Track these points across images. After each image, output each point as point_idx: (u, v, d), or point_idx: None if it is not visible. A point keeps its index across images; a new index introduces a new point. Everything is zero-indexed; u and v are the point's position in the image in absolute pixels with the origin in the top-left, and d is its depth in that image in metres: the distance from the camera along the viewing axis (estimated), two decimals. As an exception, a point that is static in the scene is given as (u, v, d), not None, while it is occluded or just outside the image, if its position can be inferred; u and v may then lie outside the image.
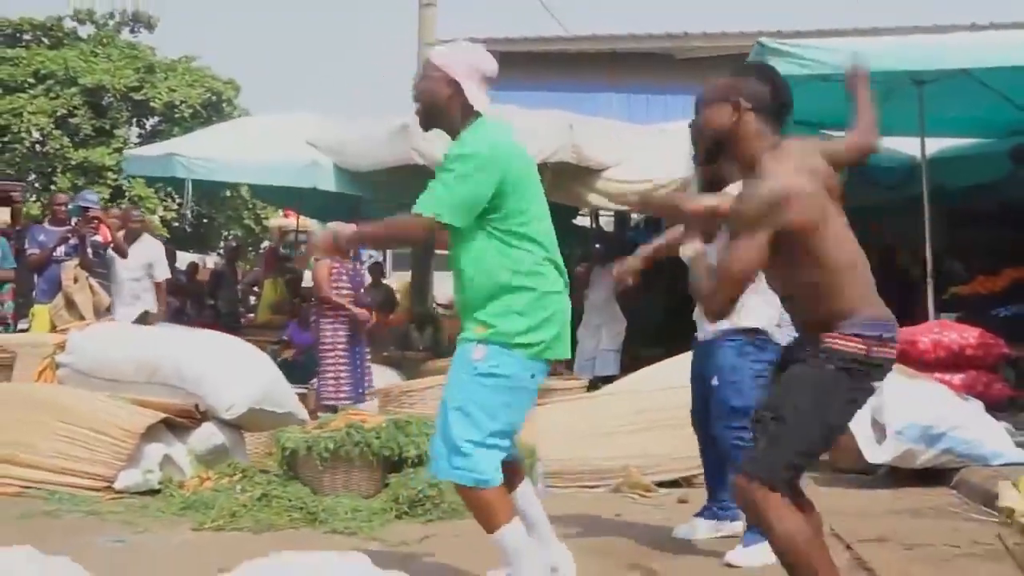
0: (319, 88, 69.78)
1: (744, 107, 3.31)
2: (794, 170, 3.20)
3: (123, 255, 9.73)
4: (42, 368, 7.06)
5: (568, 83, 13.62)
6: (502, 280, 3.81)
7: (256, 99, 54.81)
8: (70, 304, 9.11)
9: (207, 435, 6.46)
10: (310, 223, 16.51)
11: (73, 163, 28.59)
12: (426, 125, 4.02)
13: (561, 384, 8.17)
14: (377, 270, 15.76)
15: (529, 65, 13.20)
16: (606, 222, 15.79)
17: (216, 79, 31.71)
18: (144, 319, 9.47)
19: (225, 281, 13.92)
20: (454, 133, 3.93)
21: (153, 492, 6.04)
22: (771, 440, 3.19)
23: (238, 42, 64.03)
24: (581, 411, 7.13)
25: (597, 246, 13.04)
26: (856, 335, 3.18)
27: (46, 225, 9.83)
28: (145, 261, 9.93)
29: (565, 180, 10.02)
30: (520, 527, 3.85)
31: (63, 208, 9.71)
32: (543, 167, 9.62)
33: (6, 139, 28.67)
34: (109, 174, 28.89)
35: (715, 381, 4.82)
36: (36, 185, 29.49)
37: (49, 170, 28.96)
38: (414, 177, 9.95)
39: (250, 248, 31.87)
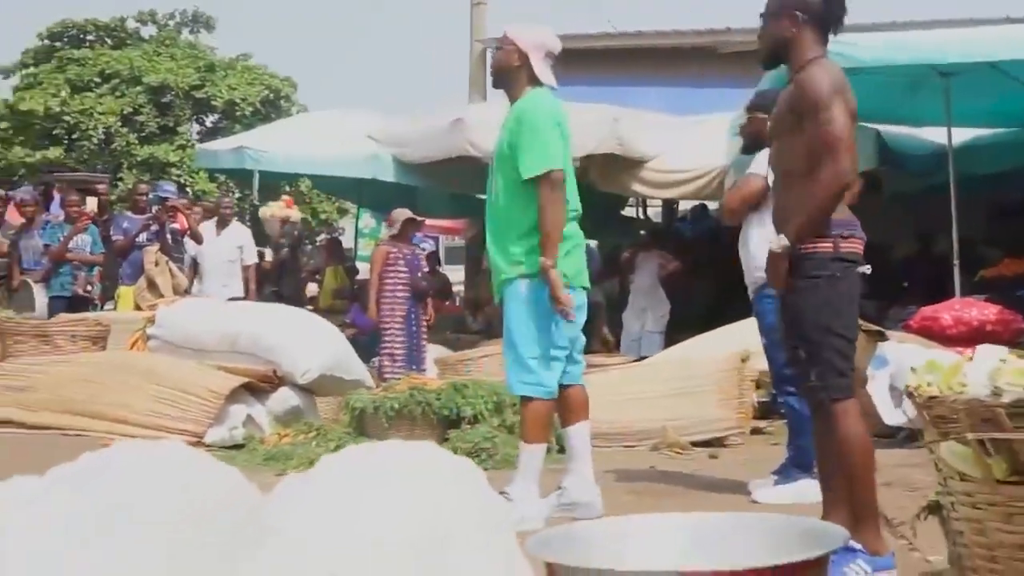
0: (374, 84, 70.74)
1: (801, 19, 3.79)
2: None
3: (198, 241, 10.49)
4: (134, 340, 7.80)
5: (614, 78, 14.20)
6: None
7: (313, 96, 55.93)
8: (151, 286, 9.88)
9: (284, 398, 7.17)
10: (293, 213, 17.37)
11: (139, 159, 29.56)
12: (496, 85, 4.89)
13: (608, 360, 8.83)
14: (433, 259, 16.50)
15: (576, 61, 13.74)
16: (654, 213, 16.36)
17: (274, 76, 32.54)
18: None
19: (288, 269, 14.67)
20: (514, 99, 4.67)
21: (238, 447, 6.73)
22: (811, 363, 3.68)
23: (293, 40, 65.26)
24: (625, 379, 7.76)
25: (642, 232, 13.61)
26: (823, 236, 3.64)
27: (128, 214, 10.64)
28: (235, 244, 10.68)
29: (611, 171, 10.65)
30: (543, 453, 4.59)
31: (143, 198, 10.52)
32: (590, 159, 10.31)
33: (75, 136, 29.72)
34: (173, 169, 29.81)
35: (763, 341, 5.26)
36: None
37: (116, 166, 29.96)
38: (467, 167, 10.66)
39: (307, 241, 32.75)
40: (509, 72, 4.68)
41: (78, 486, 2.60)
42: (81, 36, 33.31)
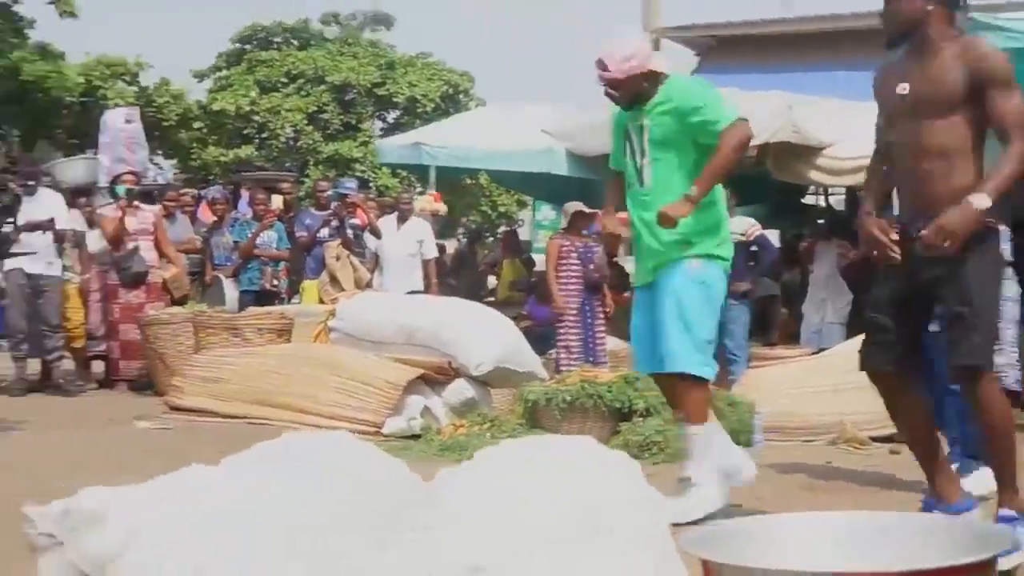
0: (550, 76, 71.03)
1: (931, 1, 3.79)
2: None
3: (377, 236, 10.79)
4: (317, 332, 8.09)
5: (789, 64, 13.91)
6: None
7: (491, 89, 56.62)
8: (333, 280, 10.22)
9: (459, 389, 7.33)
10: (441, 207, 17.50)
11: (324, 156, 30.53)
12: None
13: (787, 353, 8.70)
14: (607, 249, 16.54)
15: (751, 48, 13.61)
16: (836, 201, 15.94)
17: (452, 72, 33.07)
18: None
19: (466, 262, 14.93)
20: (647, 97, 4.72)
21: (414, 437, 6.91)
22: (975, 330, 3.69)
23: (470, 35, 66.29)
24: (803, 372, 7.62)
25: (820, 222, 13.29)
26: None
27: (311, 210, 11.04)
28: (415, 239, 10.98)
29: (787, 159, 10.44)
30: (719, 429, 4.69)
31: (324, 195, 10.89)
32: (765, 147, 10.13)
33: (264, 136, 30.92)
34: (356, 165, 30.69)
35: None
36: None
37: (303, 163, 31.03)
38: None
39: (487, 233, 33.24)
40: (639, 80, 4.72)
41: (253, 470, 2.76)
42: (269, 39, 34.61)
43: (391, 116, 33.83)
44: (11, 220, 6.74)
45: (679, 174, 4.63)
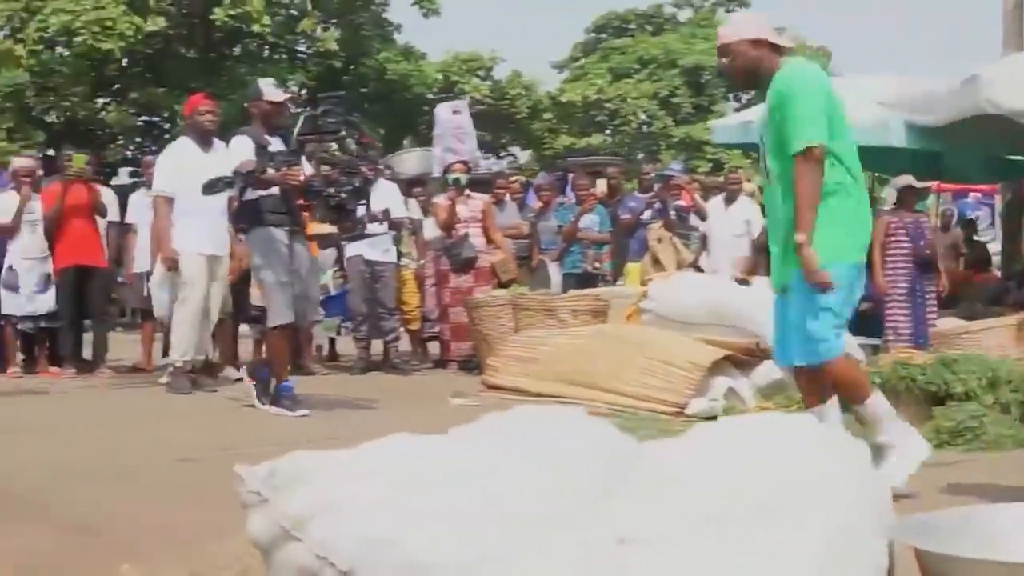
0: (901, 47, 67.33)
1: None
2: None
3: (703, 217, 10.71)
4: (629, 313, 8.15)
5: None
6: None
7: (846, 62, 54.30)
8: (655, 261, 10.24)
9: (767, 371, 7.13)
10: None
11: (675, 140, 30.57)
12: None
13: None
14: (971, 227, 15.54)
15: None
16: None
17: (806, 47, 32.06)
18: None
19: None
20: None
21: (717, 418, 6.81)
22: None
23: (827, 7, 63.84)
24: None
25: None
26: None
27: (636, 194, 11.11)
28: (742, 219, 10.84)
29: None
30: (881, 398, 4.52)
31: (647, 177, 10.92)
32: None
33: (616, 122, 31.38)
34: (708, 148, 30.50)
35: None
36: (642, 160, 32.02)
37: (654, 148, 31.24)
38: (990, 128, 9.88)
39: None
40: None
41: (469, 438, 2.88)
42: (623, 26, 35.07)
43: (745, 96, 33.33)
44: (364, 202, 7.06)
45: (782, 178, 4.37)
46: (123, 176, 20.42)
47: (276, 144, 6.94)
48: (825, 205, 4.29)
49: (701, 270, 10.84)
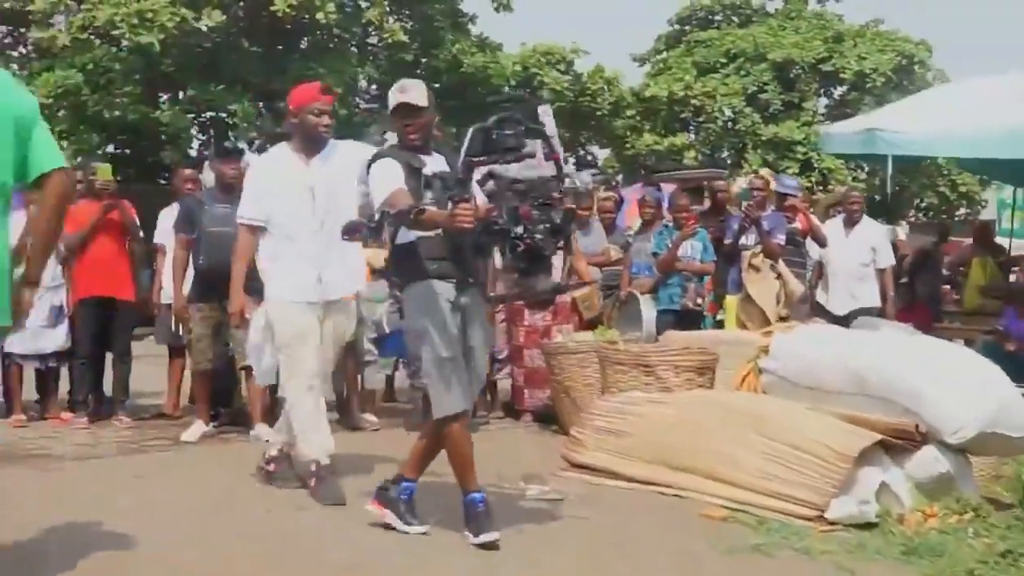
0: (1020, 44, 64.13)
1: None
2: None
3: (821, 244, 9.15)
4: (744, 374, 6.63)
5: None
6: None
7: (952, 59, 51.52)
8: (748, 297, 8.71)
9: (928, 461, 5.56)
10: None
11: (763, 139, 28.90)
12: None
13: None
14: None
15: None
16: None
17: (907, 41, 30.21)
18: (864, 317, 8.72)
19: (930, 261, 12.74)
20: None
21: (869, 526, 5.29)
22: None
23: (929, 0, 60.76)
24: None
25: None
26: None
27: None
28: (867, 246, 9.26)
29: None
30: None
31: (759, 194, 9.32)
32: None
33: (701, 119, 29.71)
34: (798, 147, 28.80)
35: None
36: (728, 162, 30.28)
37: (741, 146, 29.55)
38: None
39: (943, 214, 30.07)
40: None
41: None
42: (709, 17, 33.40)
43: (837, 92, 31.45)
44: (562, 244, 5.34)
45: None
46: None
47: (434, 165, 5.05)
48: None
49: (819, 307, 9.30)
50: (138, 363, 8.75)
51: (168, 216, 8.56)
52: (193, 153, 20.84)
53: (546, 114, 9.77)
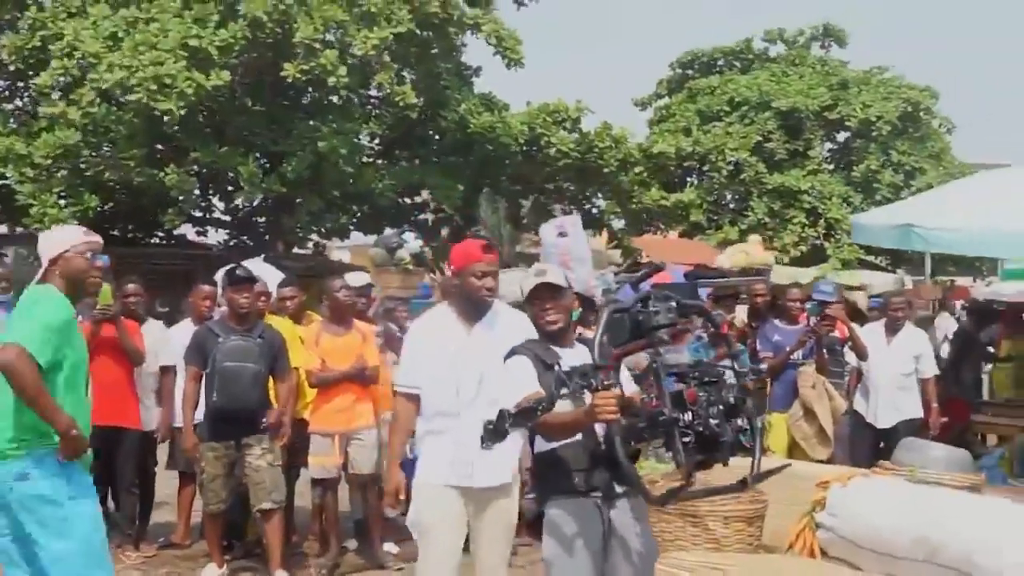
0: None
1: None
2: None
3: (862, 356, 8.76)
4: (799, 531, 6.22)
5: None
6: None
7: (956, 107, 51.35)
8: (808, 413, 8.33)
9: (1011, 649, 5.17)
10: None
11: (768, 187, 28.61)
12: None
13: None
14: None
15: None
16: None
17: (912, 87, 29.99)
18: (912, 429, 8.30)
19: (969, 347, 12.20)
20: None
21: None
22: None
23: (934, 46, 60.76)
24: None
25: None
26: None
27: (778, 322, 9.08)
28: (911, 354, 8.87)
29: None
30: None
31: (797, 304, 8.94)
32: None
33: (705, 168, 29.43)
34: (804, 196, 28.51)
35: None
36: (731, 208, 29.95)
37: (745, 195, 29.25)
38: None
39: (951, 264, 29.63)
40: None
41: None
42: (710, 63, 33.17)
43: (840, 137, 31.18)
44: (746, 427, 4.15)
45: None
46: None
47: (573, 358, 4.43)
48: None
49: (859, 419, 8.91)
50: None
51: (181, 332, 8.15)
52: (198, 214, 20.50)
53: (569, 229, 9.14)
